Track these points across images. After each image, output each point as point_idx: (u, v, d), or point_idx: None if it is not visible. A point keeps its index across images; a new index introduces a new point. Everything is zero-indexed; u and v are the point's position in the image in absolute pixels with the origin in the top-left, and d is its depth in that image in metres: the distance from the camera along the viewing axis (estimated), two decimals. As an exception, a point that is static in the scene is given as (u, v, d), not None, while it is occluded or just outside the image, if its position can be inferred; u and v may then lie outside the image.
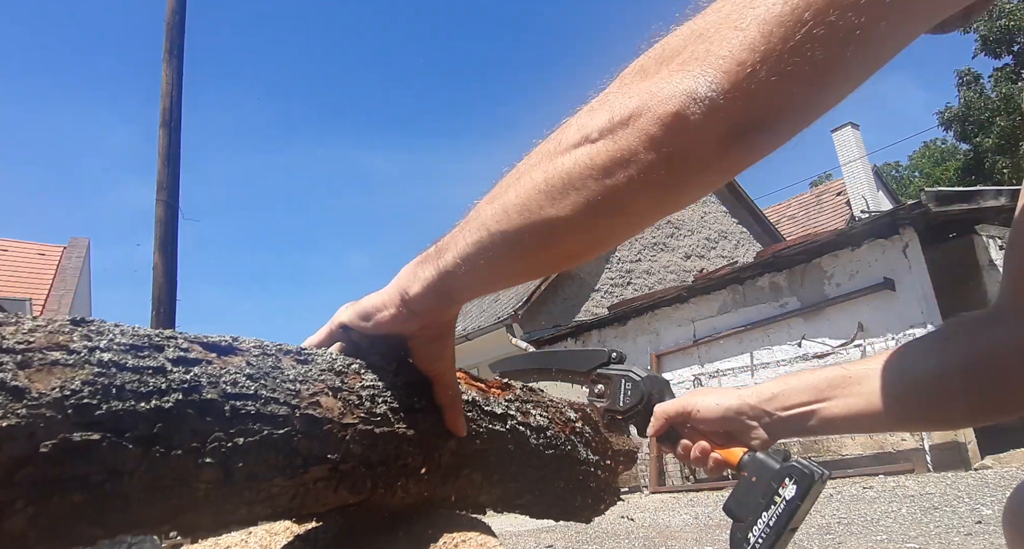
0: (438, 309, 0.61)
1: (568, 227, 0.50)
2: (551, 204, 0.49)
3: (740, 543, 0.71)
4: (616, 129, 0.46)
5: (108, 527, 0.43)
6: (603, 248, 0.55)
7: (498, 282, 0.59)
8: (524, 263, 0.55)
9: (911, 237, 6.85)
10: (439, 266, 0.57)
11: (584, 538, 4.95)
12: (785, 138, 0.46)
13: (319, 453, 0.54)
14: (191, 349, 0.50)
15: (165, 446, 0.44)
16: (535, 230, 0.51)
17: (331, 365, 0.60)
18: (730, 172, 0.48)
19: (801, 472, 0.70)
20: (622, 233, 0.53)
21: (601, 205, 0.48)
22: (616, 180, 0.46)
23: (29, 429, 0.38)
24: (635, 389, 0.82)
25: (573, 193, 0.48)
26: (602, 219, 0.49)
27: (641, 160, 0.45)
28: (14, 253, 13.55)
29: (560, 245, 0.53)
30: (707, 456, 0.77)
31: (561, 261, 0.56)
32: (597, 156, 0.47)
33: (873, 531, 3.94)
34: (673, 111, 0.44)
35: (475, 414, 0.71)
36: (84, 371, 0.42)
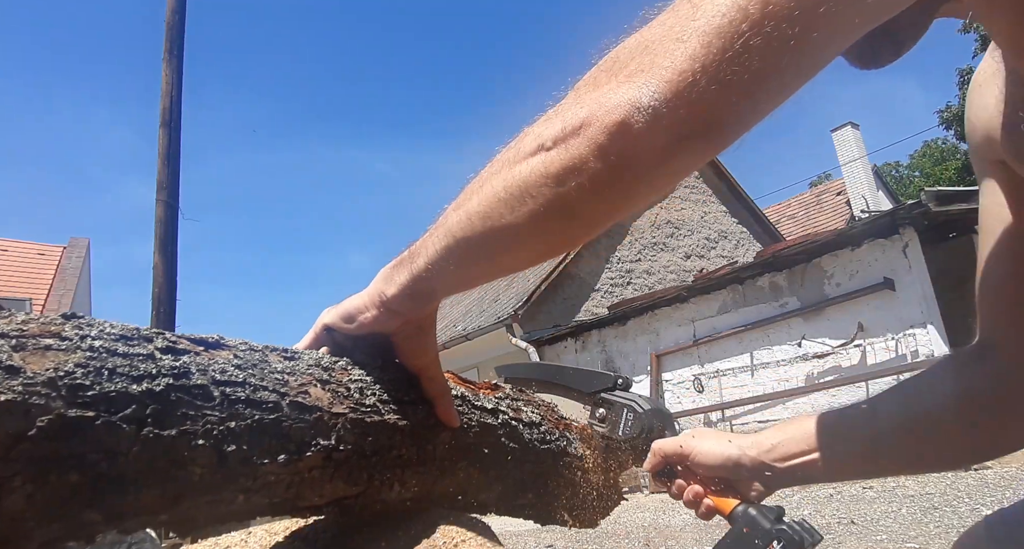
0: (416, 307, 0.63)
1: (526, 233, 0.53)
2: (510, 212, 0.52)
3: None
4: (568, 138, 0.48)
5: (106, 511, 0.44)
6: (560, 251, 0.58)
7: (468, 282, 0.62)
8: (489, 266, 0.59)
9: (911, 237, 6.86)
10: (412, 270, 0.60)
11: (584, 538, 4.95)
12: (726, 144, 0.48)
13: (311, 439, 0.55)
14: (179, 342, 0.52)
15: (158, 427, 0.45)
16: (497, 237, 0.54)
17: (318, 361, 0.62)
18: (675, 177, 0.50)
19: (790, 537, 0.69)
20: (577, 238, 0.55)
21: (555, 212, 0.50)
22: (568, 188, 0.49)
23: (25, 406, 0.39)
24: (636, 421, 0.81)
25: (530, 201, 0.51)
26: (557, 225, 0.52)
27: (591, 168, 0.47)
28: (14, 253, 13.55)
29: (520, 249, 0.56)
30: (699, 501, 0.76)
31: (523, 263, 0.59)
32: (551, 164, 0.49)
33: (873, 531, 3.94)
34: (618, 120, 0.46)
35: (466, 408, 0.72)
36: (76, 355, 0.44)
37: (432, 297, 0.63)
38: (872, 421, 0.77)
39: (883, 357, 6.98)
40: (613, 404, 0.83)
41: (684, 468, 0.79)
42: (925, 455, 0.77)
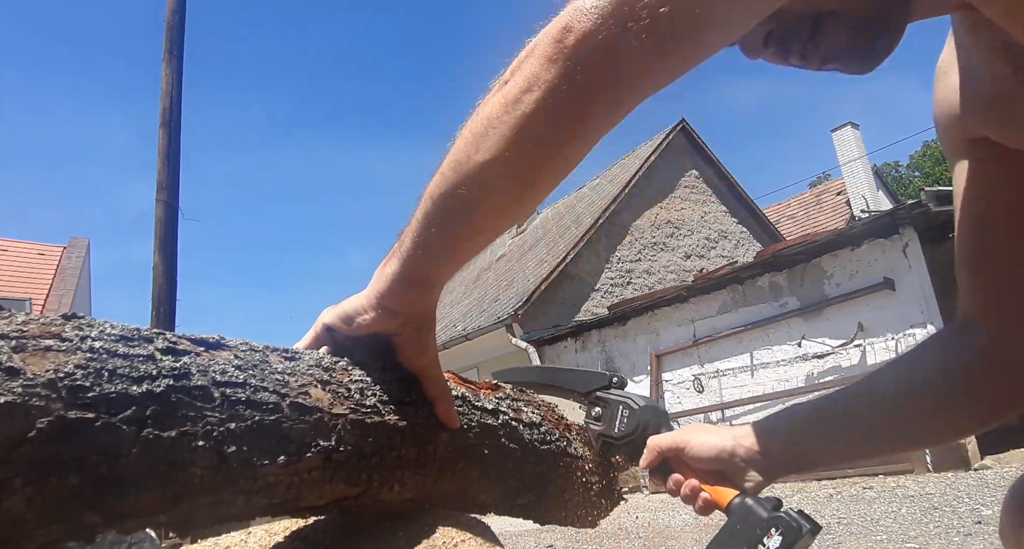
0: (413, 300, 0.63)
1: (494, 168, 0.52)
2: (476, 149, 0.52)
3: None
4: (523, 62, 0.50)
5: (106, 513, 0.44)
6: (536, 191, 0.56)
7: (456, 251, 0.60)
8: (470, 223, 0.57)
9: (911, 237, 6.85)
10: (402, 254, 0.60)
11: (584, 538, 4.95)
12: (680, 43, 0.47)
13: (311, 441, 0.55)
14: (179, 342, 0.52)
15: (158, 428, 0.45)
16: (469, 180, 0.53)
17: (318, 362, 0.62)
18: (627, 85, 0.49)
19: (788, 524, 0.68)
20: (547, 169, 0.54)
21: (518, 136, 0.50)
22: (525, 106, 0.49)
23: (25, 407, 0.39)
24: (632, 417, 0.81)
25: (492, 132, 0.51)
26: (523, 152, 0.51)
27: (543, 79, 0.48)
28: (14, 253, 13.55)
29: (494, 192, 0.54)
30: (697, 495, 0.76)
31: (502, 212, 0.57)
32: (509, 92, 0.50)
33: (873, 531, 3.94)
34: (561, 26, 0.47)
35: (466, 408, 0.72)
36: (76, 356, 0.43)
37: (427, 283, 0.62)
38: (863, 401, 0.77)
39: (883, 357, 6.97)
40: (608, 402, 0.83)
41: (680, 463, 0.78)
42: (917, 431, 0.77)
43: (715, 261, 13.62)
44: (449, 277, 0.64)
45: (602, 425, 0.83)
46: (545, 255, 13.09)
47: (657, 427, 0.81)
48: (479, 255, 0.65)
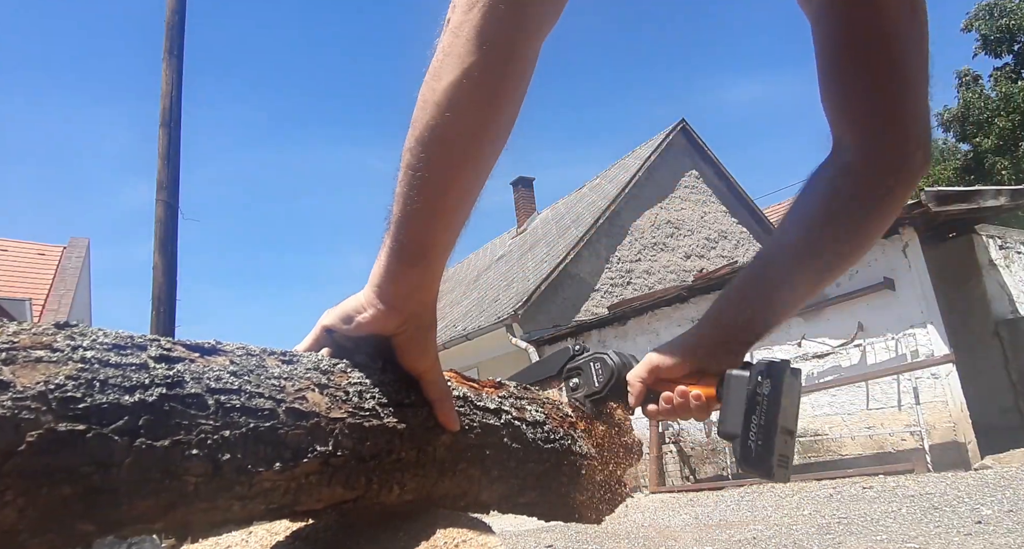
0: (410, 285, 0.62)
1: (459, 88, 0.54)
2: (437, 80, 0.55)
3: (743, 456, 0.71)
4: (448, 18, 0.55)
5: (99, 522, 0.44)
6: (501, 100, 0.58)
7: (445, 217, 0.60)
8: (451, 156, 0.58)
9: (911, 237, 6.85)
10: (392, 234, 0.60)
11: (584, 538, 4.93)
12: None
13: (308, 446, 0.54)
14: (174, 349, 0.51)
15: (151, 438, 0.45)
16: (438, 110, 0.55)
17: (316, 365, 0.61)
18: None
19: (769, 364, 0.71)
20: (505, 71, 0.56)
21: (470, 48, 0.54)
22: (471, 23, 0.53)
23: (14, 421, 0.39)
24: (604, 367, 0.84)
25: (448, 59, 0.54)
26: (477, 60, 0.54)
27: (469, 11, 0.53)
28: (14, 253, 13.54)
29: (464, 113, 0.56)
30: (687, 396, 0.78)
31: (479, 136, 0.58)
32: (453, 21, 0.54)
33: (873, 531, 3.94)
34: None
35: (467, 409, 0.71)
36: (67, 367, 0.43)
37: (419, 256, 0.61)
38: (782, 240, 0.83)
39: (883, 357, 6.97)
40: (579, 367, 0.86)
41: (662, 383, 0.80)
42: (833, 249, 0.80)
43: (715, 261, 13.61)
44: (442, 253, 0.63)
45: (584, 388, 0.86)
46: (545, 255, 13.08)
47: (629, 366, 0.84)
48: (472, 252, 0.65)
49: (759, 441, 0.70)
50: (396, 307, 0.62)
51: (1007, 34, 18.74)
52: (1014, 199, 7.00)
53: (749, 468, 0.72)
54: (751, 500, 5.92)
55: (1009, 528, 3.57)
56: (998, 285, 7.36)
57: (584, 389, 0.85)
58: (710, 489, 7.55)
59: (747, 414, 0.71)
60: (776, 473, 0.70)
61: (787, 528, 4.33)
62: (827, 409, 7.43)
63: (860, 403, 7.09)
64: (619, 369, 0.84)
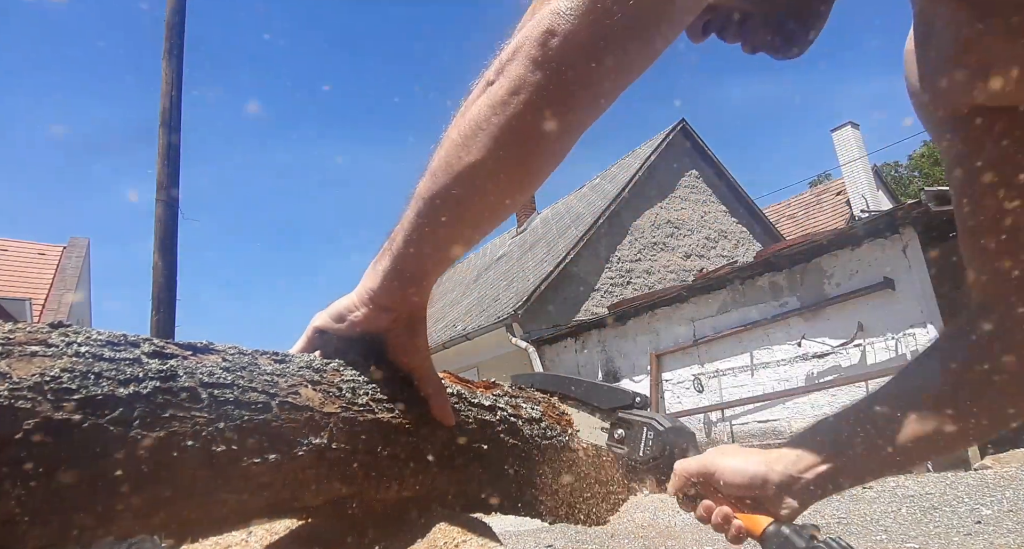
0: (404, 298, 0.63)
1: (485, 168, 0.53)
2: (467, 151, 0.53)
3: None
4: (507, 64, 0.51)
5: (97, 513, 0.44)
6: (525, 186, 0.58)
7: (448, 248, 0.61)
8: (461, 221, 0.59)
9: (911, 237, 6.85)
10: (393, 252, 0.61)
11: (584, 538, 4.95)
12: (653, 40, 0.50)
13: (302, 439, 0.55)
14: (167, 347, 0.52)
15: (145, 429, 0.45)
16: (460, 182, 0.55)
17: (309, 364, 0.62)
18: (611, 79, 0.51)
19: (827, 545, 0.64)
20: (534, 166, 0.56)
21: (506, 137, 0.52)
22: (514, 108, 0.51)
23: (11, 410, 0.40)
24: (657, 440, 0.77)
25: (482, 134, 0.52)
26: (511, 151, 0.53)
27: (529, 82, 0.50)
28: (14, 253, 13.54)
29: (485, 191, 0.56)
30: (729, 523, 0.72)
31: (494, 209, 0.59)
32: (495, 94, 0.52)
33: (873, 531, 3.93)
34: (543, 29, 0.49)
35: (463, 405, 0.71)
36: (62, 361, 0.44)
37: (419, 279, 0.62)
38: (891, 416, 0.72)
39: (883, 357, 6.97)
40: (632, 424, 0.79)
41: (710, 488, 0.74)
42: (941, 437, 0.71)
43: (715, 261, 13.61)
44: (440, 274, 0.64)
45: (626, 448, 0.79)
46: (545, 255, 13.09)
47: (684, 450, 0.77)
48: (472, 252, 0.65)
49: None
50: (388, 308, 0.63)
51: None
52: (1014, 199, 6.99)
53: None
54: (751, 500, 5.91)
55: (1009, 528, 3.58)
56: (998, 285, 7.35)
57: (627, 450, 0.79)
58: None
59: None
60: None
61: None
62: (827, 409, 7.43)
63: (860, 403, 7.09)
64: (671, 450, 0.77)
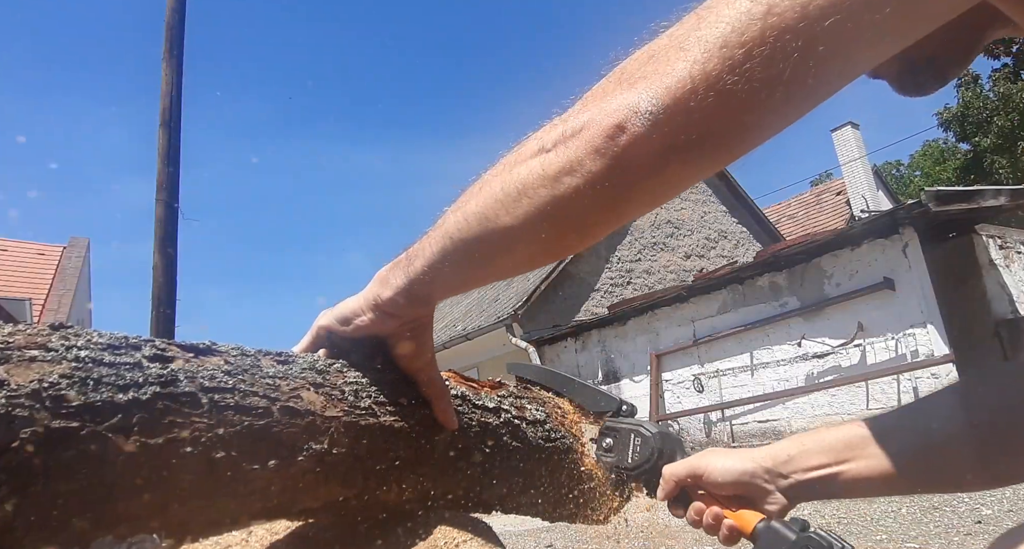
0: (411, 311, 0.63)
1: (521, 235, 0.53)
2: (506, 212, 0.53)
3: None
4: (568, 140, 0.49)
5: (95, 520, 0.44)
6: (555, 257, 0.58)
7: (464, 285, 0.63)
8: (485, 269, 0.59)
9: (911, 237, 6.85)
10: (409, 273, 0.60)
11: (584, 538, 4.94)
12: (723, 158, 0.48)
13: (303, 444, 0.55)
14: (168, 349, 0.52)
15: (145, 436, 0.45)
16: (492, 238, 0.54)
17: (312, 365, 0.62)
18: (670, 187, 0.50)
19: (819, 544, 0.65)
20: (571, 243, 0.55)
21: (550, 212, 0.51)
22: (564, 188, 0.49)
23: (8, 418, 0.39)
24: (644, 445, 0.78)
25: (526, 201, 0.51)
26: (551, 227, 0.52)
27: (586, 168, 0.48)
28: (14, 253, 13.54)
29: (515, 252, 0.56)
30: (720, 523, 0.73)
31: (518, 267, 0.59)
32: (549, 166, 0.50)
33: (873, 531, 3.93)
34: (615, 123, 0.47)
35: (466, 408, 0.71)
36: (61, 366, 0.44)
37: (428, 300, 0.63)
38: (896, 438, 0.72)
39: (883, 357, 6.97)
40: (619, 431, 0.80)
41: (699, 491, 0.75)
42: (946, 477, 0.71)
43: (715, 261, 13.62)
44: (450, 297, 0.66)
45: (614, 456, 0.80)
46: (545, 255, 13.07)
47: (672, 454, 0.78)
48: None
49: None
50: (394, 315, 0.63)
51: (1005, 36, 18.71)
52: (1014, 199, 7.00)
53: None
54: (751, 500, 5.91)
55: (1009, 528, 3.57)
56: (998, 285, 7.36)
57: (614, 458, 0.80)
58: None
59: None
60: None
61: (787, 528, 4.33)
62: (827, 409, 7.43)
63: (860, 403, 7.09)
64: (658, 455, 0.78)
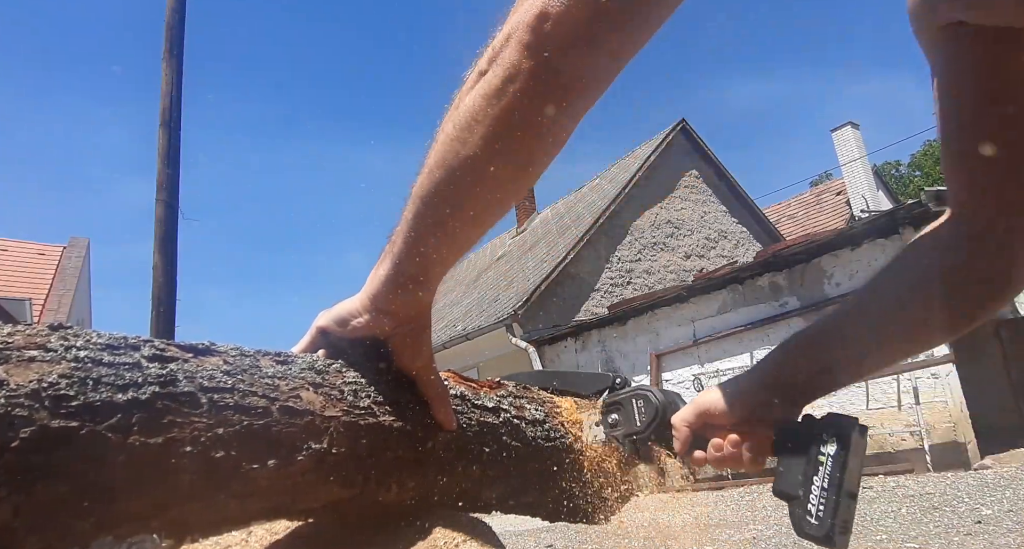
0: (406, 301, 0.62)
1: (483, 161, 0.52)
2: (463, 145, 0.52)
3: (802, 521, 0.65)
4: (499, 53, 0.49)
5: (95, 520, 0.44)
6: (523, 177, 0.56)
7: (450, 247, 0.60)
8: (462, 216, 0.57)
9: (911, 237, 6.83)
10: (394, 255, 0.60)
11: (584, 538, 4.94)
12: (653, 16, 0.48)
13: (302, 443, 0.55)
14: (167, 349, 0.51)
15: (144, 435, 0.45)
16: (458, 177, 0.53)
17: (311, 365, 0.61)
18: (612, 60, 0.50)
19: (838, 423, 0.65)
20: (534, 156, 0.54)
21: (505, 127, 0.50)
22: (509, 98, 0.49)
23: (8, 418, 0.40)
24: (648, 405, 0.79)
25: (477, 126, 0.51)
26: (510, 142, 0.51)
27: (524, 68, 0.48)
28: (14, 253, 13.53)
29: (486, 185, 0.54)
30: (741, 446, 0.73)
31: (493, 204, 0.57)
32: (490, 84, 0.50)
33: (873, 531, 3.93)
34: (536, 14, 0.47)
35: (465, 407, 0.71)
36: (61, 366, 0.44)
37: (419, 282, 0.61)
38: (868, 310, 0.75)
39: (883, 357, 6.97)
40: (620, 402, 0.81)
41: (711, 429, 0.75)
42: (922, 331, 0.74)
43: (715, 261, 13.61)
44: (442, 275, 0.63)
45: (623, 426, 0.80)
46: (545, 255, 13.08)
47: (675, 405, 0.79)
48: (472, 252, 0.65)
49: (820, 506, 0.64)
50: (391, 313, 0.63)
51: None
52: (1014, 199, 6.99)
53: (806, 535, 0.66)
54: (751, 500, 5.92)
55: (1009, 528, 3.57)
56: (998, 285, 7.35)
57: (624, 427, 0.80)
58: (710, 489, 7.55)
59: (807, 475, 0.65)
60: (838, 541, 0.65)
61: (787, 528, 4.33)
62: (826, 409, 7.41)
63: (860, 403, 7.08)
64: (663, 408, 0.78)
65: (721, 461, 0.75)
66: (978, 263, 0.70)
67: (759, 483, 6.79)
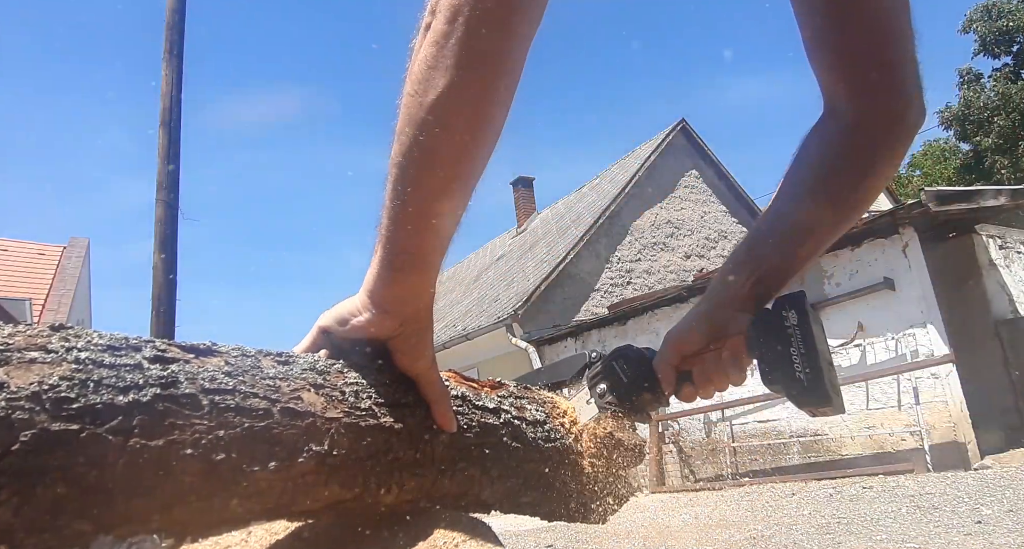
0: (402, 290, 0.62)
1: (447, 103, 0.53)
2: (424, 94, 0.53)
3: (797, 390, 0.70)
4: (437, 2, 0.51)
5: (95, 522, 0.44)
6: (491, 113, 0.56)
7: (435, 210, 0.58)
8: (439, 169, 0.56)
9: (911, 237, 6.85)
10: (383, 238, 0.59)
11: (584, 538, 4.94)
12: None
13: (303, 445, 0.54)
14: (168, 350, 0.51)
15: (145, 438, 0.45)
16: (425, 126, 0.53)
17: (313, 365, 0.61)
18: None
19: (789, 297, 0.72)
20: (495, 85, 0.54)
21: (459, 63, 0.51)
22: (457, 33, 0.50)
23: (8, 420, 0.39)
24: (628, 364, 0.82)
25: (434, 72, 0.52)
26: (467, 75, 0.52)
27: (464, 2, 0.50)
28: (14, 253, 13.53)
29: (453, 129, 0.54)
30: (722, 360, 0.77)
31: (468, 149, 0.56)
32: (436, 29, 0.51)
33: (873, 531, 3.93)
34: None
35: (466, 408, 0.71)
36: (61, 368, 0.43)
37: (410, 263, 0.61)
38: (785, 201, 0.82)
39: (883, 357, 6.97)
40: (603, 373, 0.83)
41: (691, 361, 0.80)
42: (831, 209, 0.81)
43: (715, 261, 13.61)
44: (432, 255, 0.61)
45: (613, 392, 0.82)
46: (545, 255, 13.08)
47: (651, 353, 0.83)
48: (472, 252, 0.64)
49: (806, 370, 0.70)
50: (390, 311, 0.62)
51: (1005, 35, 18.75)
52: (1014, 199, 6.99)
53: (806, 402, 0.71)
54: (751, 500, 5.93)
55: (1009, 528, 3.57)
56: (998, 285, 7.36)
57: (615, 393, 0.82)
58: (710, 489, 7.55)
59: (785, 349, 0.71)
60: (833, 400, 0.70)
61: (787, 528, 4.33)
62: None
63: (860, 403, 7.08)
64: (642, 358, 0.82)
65: (708, 382, 0.80)
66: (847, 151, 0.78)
67: (759, 483, 6.79)
